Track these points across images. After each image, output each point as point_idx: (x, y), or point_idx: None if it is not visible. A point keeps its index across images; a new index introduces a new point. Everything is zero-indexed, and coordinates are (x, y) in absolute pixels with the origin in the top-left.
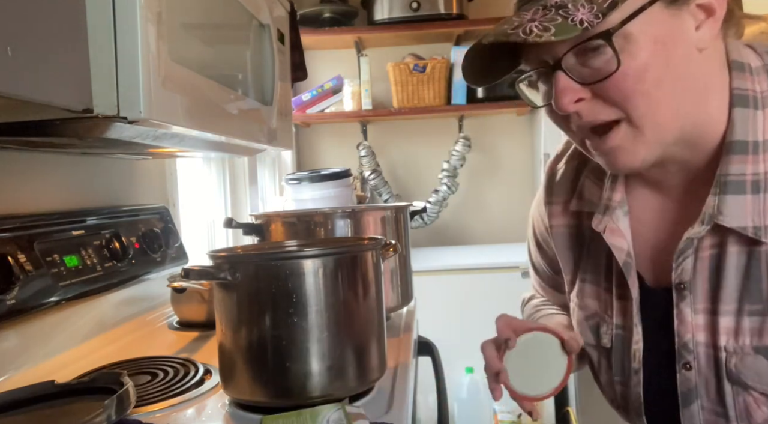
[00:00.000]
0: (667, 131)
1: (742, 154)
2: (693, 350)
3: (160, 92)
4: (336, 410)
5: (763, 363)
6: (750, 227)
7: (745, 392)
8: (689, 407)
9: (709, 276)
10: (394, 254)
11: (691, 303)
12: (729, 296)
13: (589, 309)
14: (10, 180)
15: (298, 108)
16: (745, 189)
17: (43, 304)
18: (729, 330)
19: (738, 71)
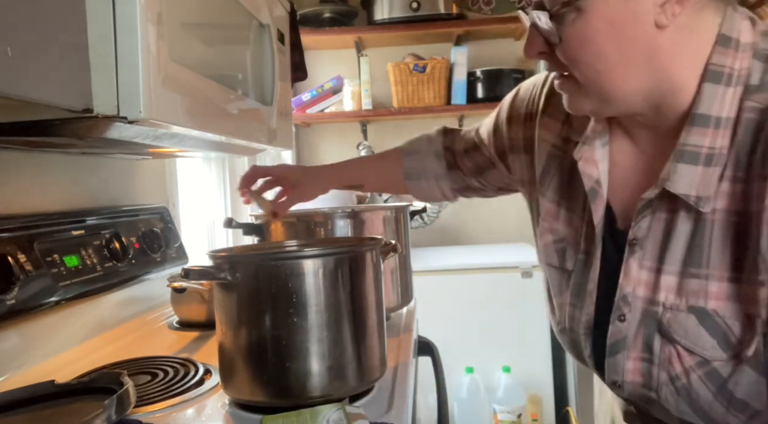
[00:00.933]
0: (610, 93)
1: (703, 127)
2: (630, 302)
3: (160, 92)
4: (336, 410)
5: (692, 321)
6: (693, 196)
7: (671, 345)
8: (615, 356)
9: (660, 237)
10: (394, 254)
11: (639, 259)
12: (674, 257)
13: (559, 233)
14: (10, 180)
15: (298, 108)
16: (699, 160)
17: (43, 304)
18: (670, 288)
19: (721, 46)
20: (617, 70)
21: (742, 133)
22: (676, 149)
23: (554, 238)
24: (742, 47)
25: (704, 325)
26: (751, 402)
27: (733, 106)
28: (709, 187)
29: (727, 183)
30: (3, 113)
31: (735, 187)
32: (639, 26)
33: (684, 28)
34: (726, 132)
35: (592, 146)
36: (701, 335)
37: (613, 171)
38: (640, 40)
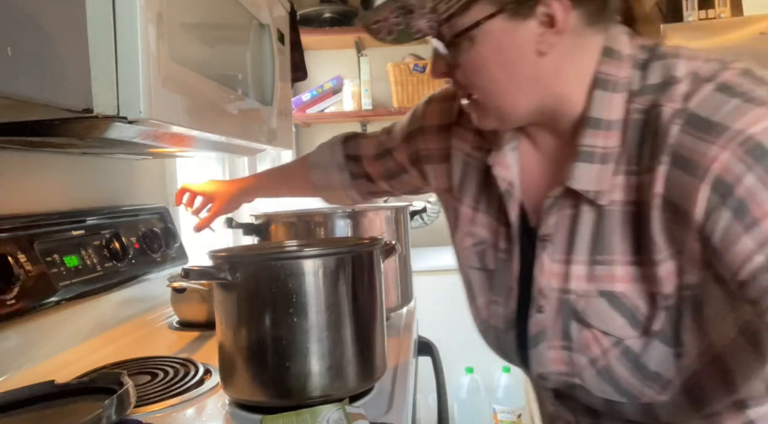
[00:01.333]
0: (509, 112)
1: (596, 129)
2: (547, 295)
3: (160, 92)
4: (336, 410)
5: (604, 305)
6: (592, 191)
7: (587, 329)
8: (537, 347)
9: (567, 231)
10: (394, 254)
11: (550, 253)
12: (581, 248)
13: (478, 236)
14: (10, 180)
15: (298, 108)
16: (595, 159)
17: (43, 304)
18: (580, 277)
19: (607, 57)
20: (508, 92)
21: (630, 132)
22: (575, 150)
23: (473, 241)
24: (624, 58)
25: (614, 306)
26: (663, 373)
27: (621, 109)
28: (605, 182)
29: (622, 177)
30: (3, 113)
31: (629, 180)
32: (522, 55)
33: (566, 51)
34: (617, 132)
35: (503, 152)
36: (612, 317)
37: (522, 174)
38: (524, 67)
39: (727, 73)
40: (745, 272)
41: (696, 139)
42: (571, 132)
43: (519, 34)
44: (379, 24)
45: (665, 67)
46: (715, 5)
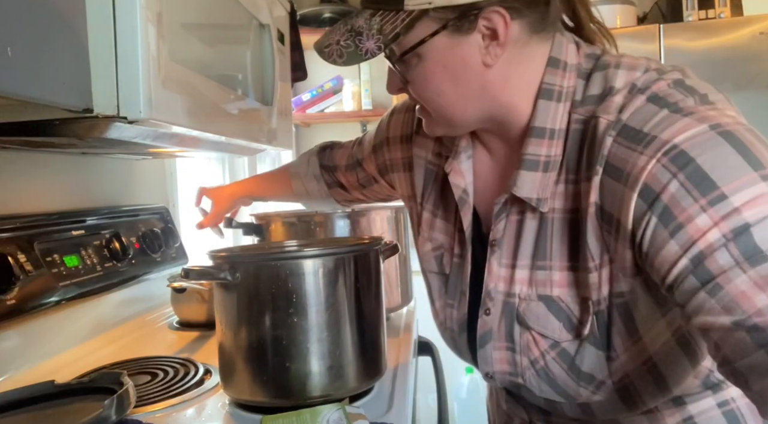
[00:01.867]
0: (457, 122)
1: (539, 138)
2: (494, 297)
3: (160, 92)
4: (336, 410)
5: (542, 308)
6: (534, 198)
7: (528, 331)
8: (485, 347)
9: (513, 237)
10: (394, 253)
11: (498, 258)
12: (525, 253)
13: (436, 241)
14: (10, 180)
15: (298, 108)
16: (538, 167)
17: (43, 304)
18: (522, 281)
19: (552, 67)
20: (456, 103)
21: (570, 141)
22: (520, 158)
23: (432, 246)
24: (569, 68)
25: (551, 310)
26: (596, 374)
27: (564, 119)
28: (547, 190)
29: (562, 185)
30: (3, 113)
31: (568, 189)
32: (468, 68)
33: (511, 62)
34: (559, 141)
35: (459, 159)
36: (549, 320)
37: (476, 181)
38: (470, 79)
39: (660, 84)
40: (671, 276)
41: (627, 149)
42: (519, 140)
43: (463, 48)
44: (330, 47)
45: (605, 77)
46: (715, 5)
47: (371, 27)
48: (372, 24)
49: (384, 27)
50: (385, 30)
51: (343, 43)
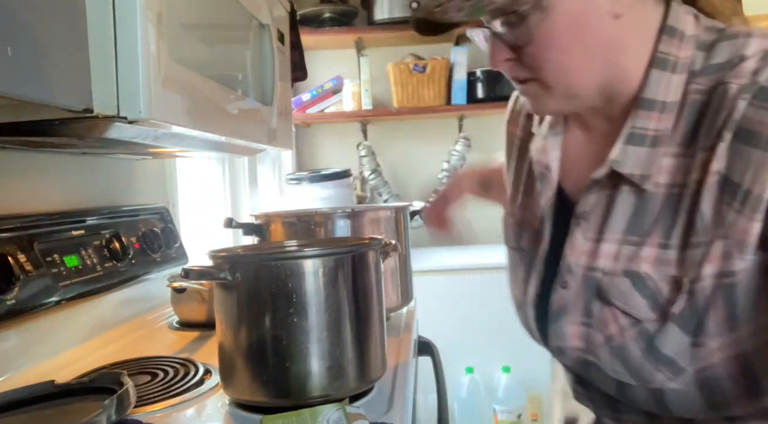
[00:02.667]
0: (574, 91)
1: (649, 111)
2: (573, 271)
3: (160, 92)
4: (336, 410)
5: (626, 284)
6: (638, 175)
7: (608, 307)
8: (559, 321)
9: (603, 210)
10: (394, 253)
11: (583, 231)
12: (615, 227)
13: (518, 217)
14: (10, 180)
15: (298, 108)
16: (645, 142)
17: (43, 304)
18: (608, 255)
19: (668, 36)
20: (582, 66)
21: (687, 113)
22: (624, 132)
23: (513, 220)
24: (687, 39)
25: (636, 287)
26: (677, 359)
27: (678, 90)
28: (652, 166)
29: (668, 159)
30: (3, 113)
31: (677, 162)
32: (598, 18)
33: (633, 17)
34: (670, 115)
35: (545, 137)
36: (633, 296)
37: (567, 157)
38: (600, 32)
39: None
40: None
41: (765, 111)
42: (622, 114)
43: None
44: (443, 6)
45: (734, 46)
46: None
47: None
48: None
49: None
50: None
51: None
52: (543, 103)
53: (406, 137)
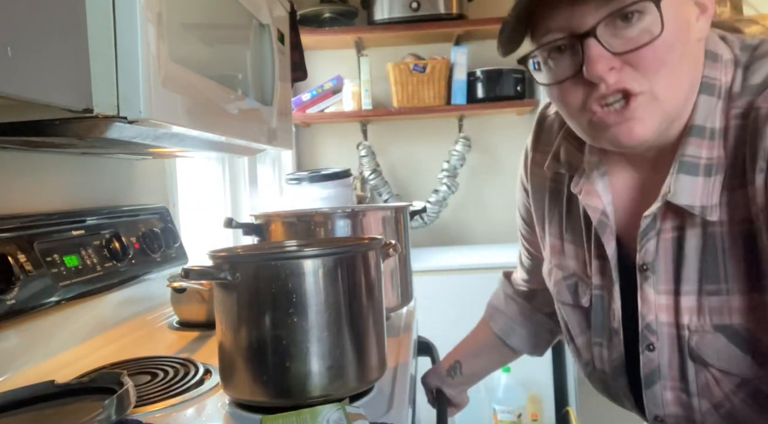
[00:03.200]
0: (676, 105)
1: (699, 138)
2: (656, 330)
3: (160, 92)
4: (336, 410)
5: (721, 341)
6: (698, 206)
7: (706, 369)
8: (652, 388)
9: (671, 258)
10: (394, 253)
11: (653, 284)
12: (689, 277)
13: (568, 269)
14: (10, 180)
15: (298, 108)
16: (698, 171)
17: (43, 304)
18: (691, 310)
19: (711, 61)
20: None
21: (732, 140)
22: (676, 161)
23: (564, 274)
24: (725, 62)
25: (734, 342)
26: None
27: (722, 116)
28: (713, 196)
29: (727, 193)
30: (3, 113)
31: (736, 195)
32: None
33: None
34: (720, 142)
35: (590, 178)
36: (733, 353)
37: (616, 199)
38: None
39: None
40: None
41: None
42: (673, 144)
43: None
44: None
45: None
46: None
47: None
48: None
49: None
50: None
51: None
52: (647, 123)
53: (406, 137)
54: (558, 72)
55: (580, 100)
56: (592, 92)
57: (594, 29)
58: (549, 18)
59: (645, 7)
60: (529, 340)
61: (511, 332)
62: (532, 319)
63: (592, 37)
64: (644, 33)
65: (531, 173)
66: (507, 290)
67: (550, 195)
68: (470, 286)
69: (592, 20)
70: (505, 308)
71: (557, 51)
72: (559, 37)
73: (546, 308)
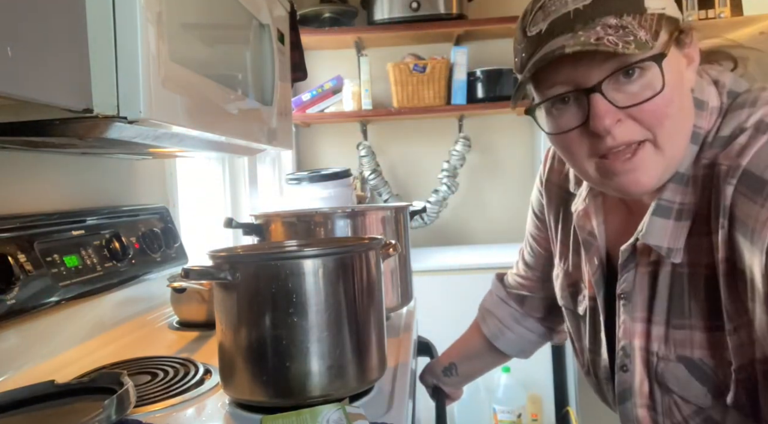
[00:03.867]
0: (678, 155)
1: (677, 184)
2: (630, 354)
3: (160, 92)
4: (336, 410)
5: (682, 371)
6: (664, 247)
7: (669, 394)
8: (624, 404)
9: (646, 290)
10: (394, 253)
11: (630, 312)
12: (660, 308)
13: (571, 277)
14: (10, 180)
15: (298, 108)
16: (671, 215)
17: (43, 304)
18: (660, 338)
19: (698, 109)
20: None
21: (699, 189)
22: (654, 202)
23: (567, 281)
24: (711, 110)
25: (693, 374)
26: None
27: (694, 164)
28: (679, 239)
29: (696, 238)
30: (3, 113)
31: (701, 241)
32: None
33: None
34: (692, 189)
35: (585, 199)
36: (692, 384)
37: (610, 223)
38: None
39: None
40: None
41: (748, 200)
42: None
43: (681, 63)
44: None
45: (739, 117)
46: (715, 5)
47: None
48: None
49: (642, 23)
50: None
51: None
52: (651, 171)
53: (406, 137)
54: (562, 122)
55: (586, 149)
56: (598, 143)
57: (600, 85)
58: (554, 72)
59: (647, 64)
60: (516, 344)
61: (500, 334)
62: (522, 323)
63: (598, 92)
64: (646, 88)
65: (547, 180)
66: (499, 292)
67: (563, 203)
68: (470, 286)
69: (597, 76)
70: (496, 310)
71: (561, 102)
72: (564, 91)
73: (536, 312)
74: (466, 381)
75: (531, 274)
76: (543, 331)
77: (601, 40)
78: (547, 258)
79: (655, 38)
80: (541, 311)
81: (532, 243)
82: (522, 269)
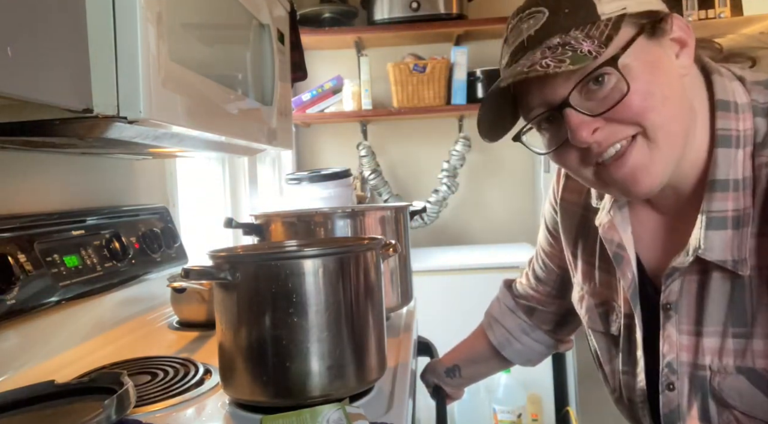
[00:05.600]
0: (677, 144)
1: (723, 192)
2: (677, 370)
3: (160, 92)
4: (336, 410)
5: (744, 383)
6: (730, 261)
7: (728, 410)
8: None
9: (695, 299)
10: (394, 253)
11: (676, 324)
12: (713, 318)
13: (601, 296)
14: (10, 180)
15: (298, 108)
16: (727, 225)
17: (43, 304)
18: (713, 350)
19: (723, 111)
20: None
21: (760, 189)
22: (703, 217)
23: (595, 301)
24: (741, 108)
25: (757, 386)
26: None
27: (748, 165)
28: (743, 248)
29: (754, 240)
30: (3, 113)
31: (763, 242)
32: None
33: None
34: (747, 192)
35: (610, 212)
36: (757, 397)
37: (640, 234)
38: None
39: None
40: None
41: None
42: (693, 193)
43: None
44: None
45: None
46: (715, 5)
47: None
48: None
49: (591, 34)
50: (593, 35)
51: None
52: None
53: (406, 137)
54: (550, 140)
55: (577, 160)
56: (586, 153)
57: (567, 100)
58: (528, 95)
59: (605, 69)
60: (524, 354)
61: (507, 344)
62: (531, 334)
63: (568, 107)
64: (614, 91)
65: (561, 199)
66: (507, 301)
67: (582, 221)
68: (470, 286)
69: (562, 92)
70: (503, 320)
71: (547, 121)
72: (541, 112)
73: (546, 325)
74: (468, 383)
75: (542, 288)
76: (551, 342)
77: (533, 66)
78: (560, 275)
79: (606, 44)
80: (551, 324)
81: (544, 258)
82: (533, 282)
